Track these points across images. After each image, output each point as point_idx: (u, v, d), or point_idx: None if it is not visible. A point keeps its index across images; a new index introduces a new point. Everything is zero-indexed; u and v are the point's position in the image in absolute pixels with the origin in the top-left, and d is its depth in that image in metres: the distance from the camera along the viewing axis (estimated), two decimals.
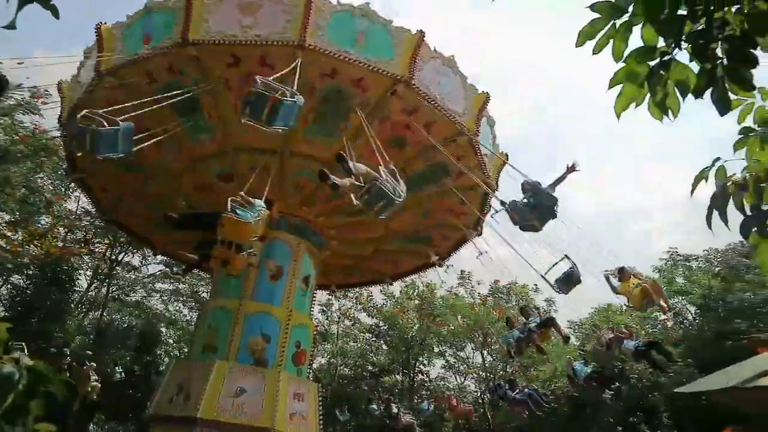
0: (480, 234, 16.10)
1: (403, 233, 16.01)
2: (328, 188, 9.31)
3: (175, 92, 10.66)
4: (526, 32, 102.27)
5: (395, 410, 19.82)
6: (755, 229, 2.72)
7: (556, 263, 11.08)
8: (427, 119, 12.25)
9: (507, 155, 14.80)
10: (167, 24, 11.34)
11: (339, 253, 16.69)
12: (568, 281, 10.95)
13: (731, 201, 2.74)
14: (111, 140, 8.61)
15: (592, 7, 2.67)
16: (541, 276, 11.13)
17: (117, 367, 27.63)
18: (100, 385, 17.56)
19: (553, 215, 9.59)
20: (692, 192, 2.93)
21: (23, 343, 9.27)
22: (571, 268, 10.93)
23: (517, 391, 16.53)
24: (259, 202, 10.25)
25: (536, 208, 9.46)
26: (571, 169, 9.67)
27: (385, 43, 11.43)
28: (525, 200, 9.57)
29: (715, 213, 2.83)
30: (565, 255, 11.09)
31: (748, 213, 2.76)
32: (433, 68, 12.11)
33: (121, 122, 8.72)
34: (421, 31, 11.59)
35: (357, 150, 10.82)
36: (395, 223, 15.09)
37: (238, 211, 9.68)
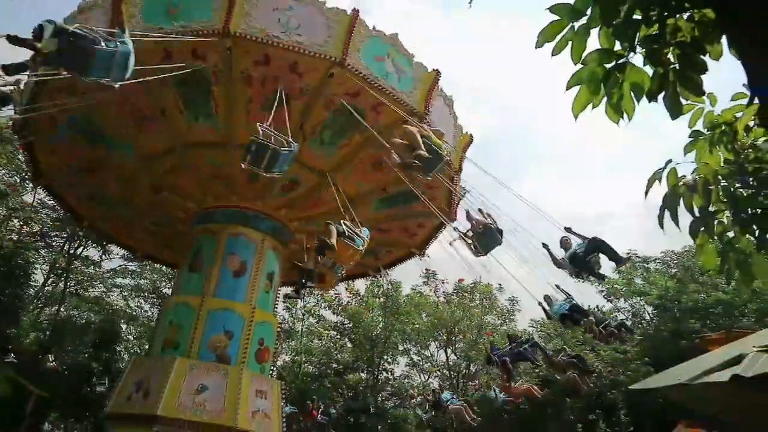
0: (454, 219, 16.06)
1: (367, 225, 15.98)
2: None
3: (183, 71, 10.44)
4: (498, 37, 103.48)
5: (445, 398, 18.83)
6: (702, 228, 2.82)
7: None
8: (374, 101, 12.04)
9: (472, 135, 14.81)
10: (203, 1, 10.97)
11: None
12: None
13: (681, 202, 2.83)
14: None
15: (551, 9, 2.72)
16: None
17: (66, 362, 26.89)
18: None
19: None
20: (646, 193, 3.03)
21: None
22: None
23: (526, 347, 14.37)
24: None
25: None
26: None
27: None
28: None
29: (668, 214, 2.93)
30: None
31: (697, 214, 2.85)
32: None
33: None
34: (355, 10, 11.48)
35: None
36: (359, 215, 15.10)
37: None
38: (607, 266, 14.37)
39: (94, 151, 13.63)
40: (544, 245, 10.79)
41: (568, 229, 10.39)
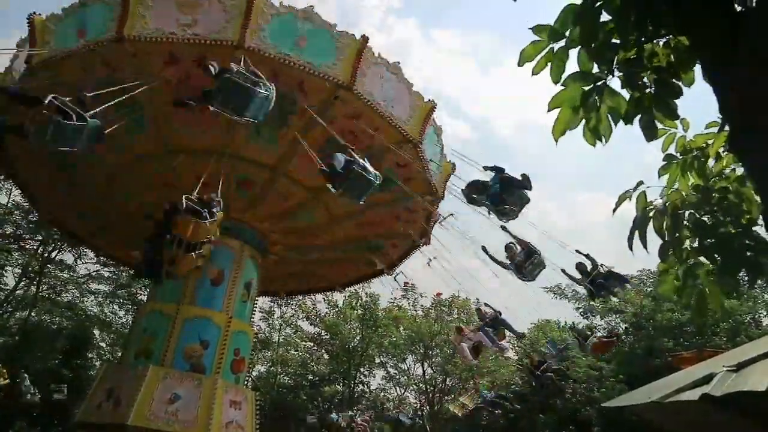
0: (428, 243, 16.19)
1: (349, 240, 15.98)
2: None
3: (112, 88, 10.25)
4: (472, 56, 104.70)
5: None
6: (671, 252, 2.88)
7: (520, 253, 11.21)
8: (372, 125, 12.21)
9: (454, 165, 15.05)
10: (104, 18, 10.95)
11: (286, 259, 16.54)
12: (533, 267, 11.17)
13: (651, 225, 2.89)
14: (73, 135, 7.93)
15: (533, 29, 2.78)
16: (507, 267, 11.27)
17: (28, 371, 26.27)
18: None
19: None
20: (614, 210, 3.10)
21: None
22: (535, 255, 11.11)
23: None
24: (216, 202, 10.17)
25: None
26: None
27: (328, 48, 11.37)
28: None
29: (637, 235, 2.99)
30: (527, 243, 11.25)
31: (666, 238, 2.91)
32: (377, 74, 12.08)
33: (89, 118, 8.02)
34: (365, 37, 11.59)
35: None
36: (340, 230, 15.11)
37: (202, 213, 9.59)
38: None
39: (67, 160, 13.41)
40: (483, 248, 11.68)
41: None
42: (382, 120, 12.11)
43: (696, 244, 3.08)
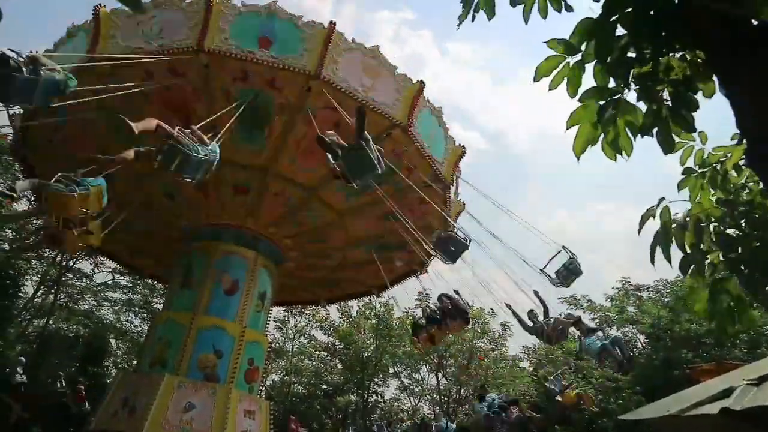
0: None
1: (367, 239, 15.63)
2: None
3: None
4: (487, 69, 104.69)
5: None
6: (693, 267, 2.86)
7: (554, 257, 11.24)
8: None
9: (464, 148, 14.91)
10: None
11: (307, 265, 16.49)
12: (569, 273, 11.10)
13: (674, 239, 2.88)
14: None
15: (548, 43, 2.79)
16: (540, 270, 11.29)
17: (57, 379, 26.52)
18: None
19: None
20: (639, 230, 3.07)
21: None
22: (570, 259, 11.05)
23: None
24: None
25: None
26: None
27: (293, 40, 11.31)
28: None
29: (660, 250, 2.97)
30: (563, 246, 11.25)
31: (688, 251, 2.89)
32: (351, 60, 11.87)
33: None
34: (332, 23, 11.40)
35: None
36: (351, 228, 14.97)
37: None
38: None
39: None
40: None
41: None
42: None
43: (721, 258, 3.05)
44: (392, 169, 11.39)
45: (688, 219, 2.91)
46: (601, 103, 2.71)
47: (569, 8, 2.80)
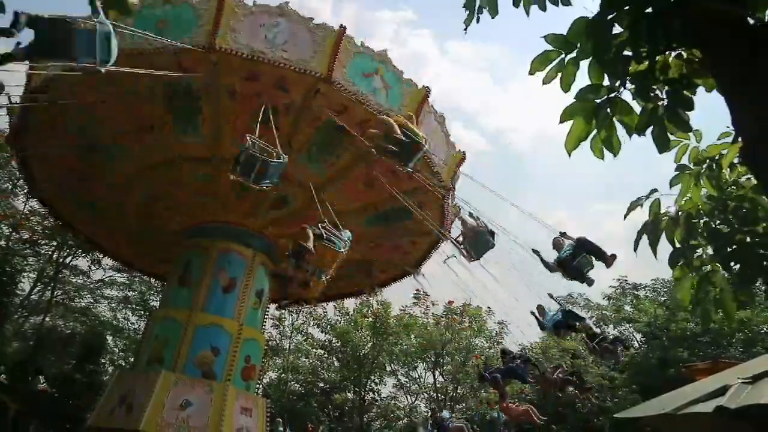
0: (448, 234, 16.00)
1: (364, 238, 15.13)
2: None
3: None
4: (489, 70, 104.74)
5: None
6: (682, 261, 2.87)
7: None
8: (361, 118, 11.98)
9: (464, 153, 14.92)
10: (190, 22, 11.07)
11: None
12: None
13: (664, 233, 2.89)
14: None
15: (546, 38, 2.79)
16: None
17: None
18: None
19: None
20: (625, 216, 3.09)
21: None
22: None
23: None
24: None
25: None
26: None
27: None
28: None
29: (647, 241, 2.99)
30: (561, 233, 11.01)
31: (678, 246, 2.91)
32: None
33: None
34: (342, 27, 11.50)
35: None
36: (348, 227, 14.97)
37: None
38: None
39: (88, 160, 13.56)
40: (534, 251, 10.83)
41: (562, 234, 10.47)
42: (369, 111, 11.80)
43: (710, 252, 3.07)
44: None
45: (679, 213, 2.92)
46: (597, 101, 2.71)
47: (566, 2, 2.80)
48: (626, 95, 2.74)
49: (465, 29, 3.16)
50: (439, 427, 16.91)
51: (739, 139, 2.60)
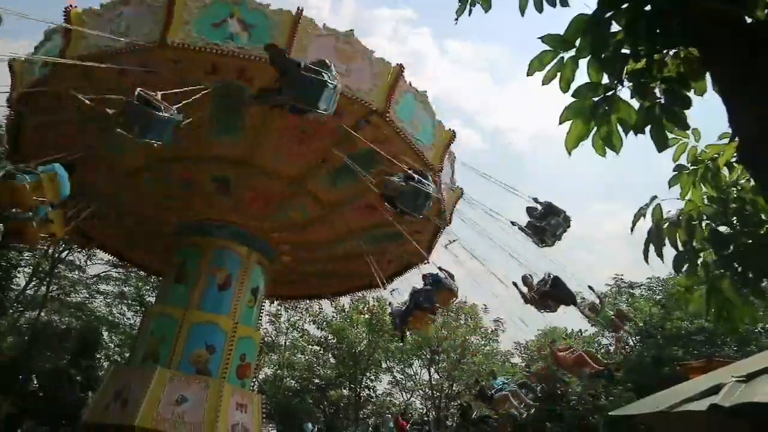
0: (448, 224, 15.71)
1: (361, 230, 15.05)
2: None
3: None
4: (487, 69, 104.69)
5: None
6: (687, 266, 2.87)
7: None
8: (394, 151, 11.89)
9: (454, 132, 14.29)
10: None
11: (301, 259, 16.35)
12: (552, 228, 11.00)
13: (666, 237, 2.88)
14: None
15: (543, 39, 2.79)
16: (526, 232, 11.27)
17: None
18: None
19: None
20: (632, 229, 3.09)
21: None
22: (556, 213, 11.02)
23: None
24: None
25: None
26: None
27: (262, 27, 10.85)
28: None
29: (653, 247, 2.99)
30: (548, 203, 11.12)
31: (680, 249, 2.91)
32: (322, 46, 11.33)
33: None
34: (299, 8, 10.89)
35: None
36: (341, 219, 14.78)
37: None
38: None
39: (91, 141, 13.23)
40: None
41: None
42: (407, 147, 12.03)
43: (714, 256, 3.06)
44: (375, 158, 11.43)
45: (680, 217, 2.92)
46: (595, 99, 2.72)
47: (564, 3, 2.80)
48: (624, 93, 2.75)
49: (456, 20, 3.15)
50: (484, 396, 16.33)
51: (736, 139, 2.60)
